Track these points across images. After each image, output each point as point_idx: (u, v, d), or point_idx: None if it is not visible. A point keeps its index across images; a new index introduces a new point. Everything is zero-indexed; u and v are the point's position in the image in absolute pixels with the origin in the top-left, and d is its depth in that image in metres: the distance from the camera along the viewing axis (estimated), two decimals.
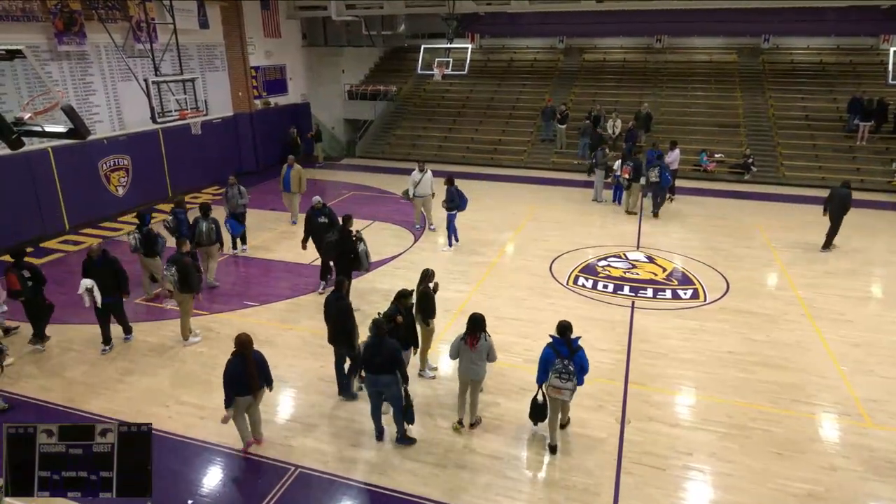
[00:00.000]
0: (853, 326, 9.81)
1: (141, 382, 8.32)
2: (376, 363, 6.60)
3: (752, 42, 24.57)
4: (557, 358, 6.50)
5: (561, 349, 6.53)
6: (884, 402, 7.77)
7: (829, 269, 12.16)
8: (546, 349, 6.66)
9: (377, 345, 6.60)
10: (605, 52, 26.25)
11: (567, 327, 6.61)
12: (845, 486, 6.34)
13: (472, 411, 7.29)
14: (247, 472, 6.72)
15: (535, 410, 6.94)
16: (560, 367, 6.46)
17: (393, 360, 6.60)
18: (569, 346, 6.52)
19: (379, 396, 6.91)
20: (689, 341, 9.36)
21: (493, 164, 21.60)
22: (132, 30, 15.57)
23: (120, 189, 16.15)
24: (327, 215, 11.06)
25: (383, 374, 6.62)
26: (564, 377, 6.45)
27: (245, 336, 6.55)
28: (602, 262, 12.52)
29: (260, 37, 21.16)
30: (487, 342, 6.87)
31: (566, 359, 6.47)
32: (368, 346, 6.68)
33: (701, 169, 19.49)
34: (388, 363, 6.59)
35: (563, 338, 6.58)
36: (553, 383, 6.53)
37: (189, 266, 8.93)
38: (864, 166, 18.78)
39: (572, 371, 6.45)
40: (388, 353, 6.58)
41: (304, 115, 23.75)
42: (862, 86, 20.58)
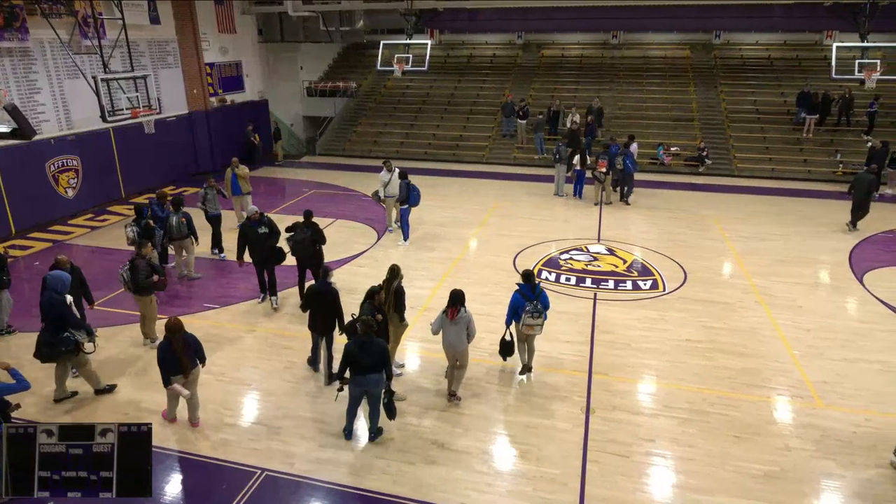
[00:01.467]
0: (804, 312, 10.20)
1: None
2: (366, 363, 6.54)
3: (704, 38, 25.25)
4: (527, 301, 7.59)
5: (528, 293, 7.67)
6: (833, 383, 8.12)
7: (780, 257, 12.60)
8: (515, 295, 7.75)
9: (367, 344, 6.54)
10: (563, 47, 26.57)
11: (531, 274, 7.86)
12: (799, 466, 6.59)
13: (456, 384, 7.71)
14: (211, 477, 6.58)
15: (503, 348, 8.05)
16: (531, 309, 7.59)
17: (382, 359, 6.60)
18: (534, 290, 7.67)
19: (362, 396, 6.84)
20: (650, 331, 9.58)
21: (455, 160, 21.64)
22: (78, 25, 14.98)
23: (70, 191, 15.57)
24: (267, 224, 10.09)
25: (372, 374, 6.60)
26: (535, 315, 7.63)
27: (173, 321, 6.78)
28: (564, 256, 12.69)
29: (214, 33, 20.66)
30: (467, 315, 7.27)
31: (534, 300, 7.58)
32: (357, 346, 6.55)
33: (658, 162, 19.94)
34: (378, 363, 6.58)
35: (529, 283, 7.75)
36: (527, 322, 7.65)
37: (140, 267, 8.63)
38: (811, 157, 19.53)
39: (541, 309, 7.64)
40: (377, 352, 6.57)
41: (262, 112, 23.33)
42: (808, 80, 21.37)
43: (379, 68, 21.36)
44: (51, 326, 7.28)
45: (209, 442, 7.00)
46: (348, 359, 6.59)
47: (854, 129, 19.88)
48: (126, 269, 8.68)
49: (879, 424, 7.18)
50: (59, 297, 7.34)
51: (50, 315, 7.30)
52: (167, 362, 6.81)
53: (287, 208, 16.15)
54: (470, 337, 7.37)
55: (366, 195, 16.97)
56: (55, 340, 7.23)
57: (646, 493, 6.27)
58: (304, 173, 20.68)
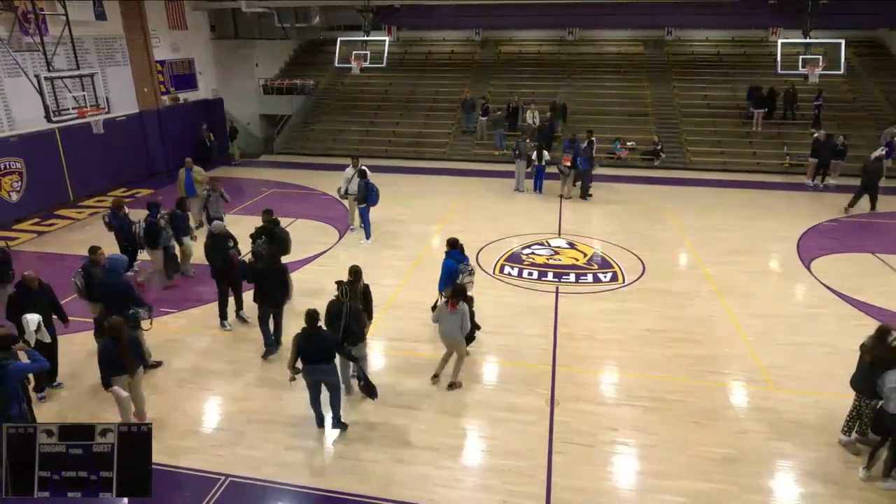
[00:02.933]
0: (756, 299, 10.56)
1: (59, 395, 7.76)
2: (310, 355, 6.70)
3: (656, 34, 25.83)
4: (459, 263, 8.73)
5: (459, 256, 8.90)
6: (785, 367, 8.44)
7: (732, 247, 13.02)
8: (447, 261, 8.81)
9: (313, 336, 6.67)
10: (521, 44, 26.78)
11: (457, 241, 9.04)
12: (756, 448, 6.84)
13: (455, 374, 7.98)
14: (173, 485, 6.41)
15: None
16: (464, 268, 8.73)
17: (330, 352, 6.77)
18: (462, 253, 8.99)
19: (318, 385, 6.96)
20: (611, 322, 9.77)
21: (416, 157, 21.57)
22: (18, 21, 14.31)
23: (13, 194, 14.90)
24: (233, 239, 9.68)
25: (320, 363, 6.75)
26: (470, 273, 8.76)
27: (117, 321, 6.67)
28: (526, 251, 12.82)
29: (164, 29, 20.05)
30: (464, 308, 7.62)
31: (463, 261, 8.83)
32: (303, 338, 6.69)
33: (615, 157, 20.32)
34: (327, 354, 6.76)
35: (457, 248, 8.97)
36: (466, 280, 8.60)
37: (94, 276, 8.32)
38: (760, 150, 20.23)
39: (471, 268, 8.82)
40: (324, 345, 6.73)
41: (216, 111, 22.75)
42: (755, 75, 22.12)
43: (337, 65, 21.15)
44: (115, 305, 7.61)
45: (171, 450, 6.81)
46: (297, 350, 6.75)
47: (799, 123, 20.68)
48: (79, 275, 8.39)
49: (829, 405, 7.50)
50: (121, 278, 8.12)
51: (114, 294, 7.77)
52: (110, 363, 6.64)
53: (246, 208, 15.83)
54: (463, 330, 7.65)
55: (326, 194, 16.80)
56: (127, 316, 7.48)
57: (611, 481, 6.41)
58: (263, 172, 20.29)
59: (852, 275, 11.52)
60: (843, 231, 14.10)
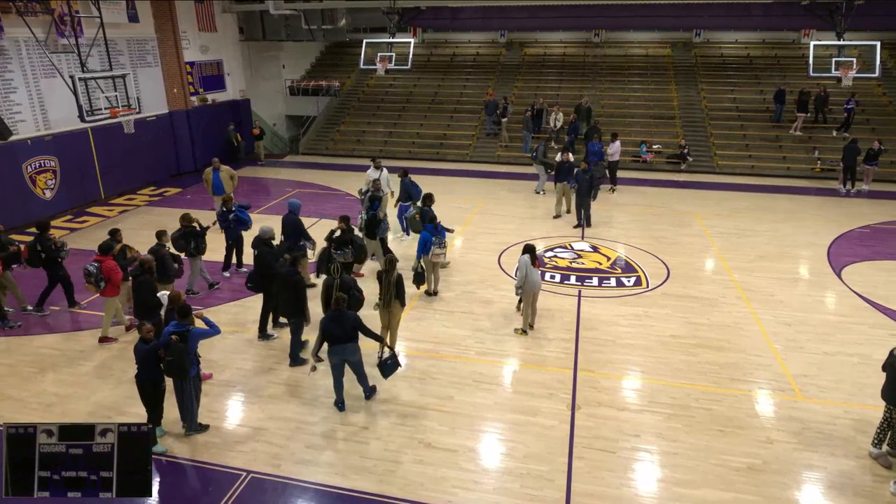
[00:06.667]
0: (784, 306, 10.35)
1: (72, 393, 7.95)
2: (338, 334, 7.12)
3: (684, 36, 25.49)
4: (432, 236, 10.09)
5: (433, 231, 10.21)
6: (813, 376, 8.25)
7: (760, 253, 12.78)
8: (423, 234, 10.25)
9: (339, 317, 7.13)
10: (546, 46, 26.66)
11: (434, 217, 10.51)
12: (781, 458, 6.70)
13: (533, 317, 9.48)
14: (195, 480, 6.53)
15: (417, 277, 10.15)
16: (436, 241, 10.10)
17: (354, 330, 7.20)
18: (436, 228, 10.28)
19: (342, 365, 7.37)
20: (634, 327, 9.66)
21: (439, 159, 21.62)
22: (55, 23, 14.71)
23: (48, 192, 15.30)
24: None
25: (347, 343, 7.20)
26: (441, 246, 10.21)
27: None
28: (549, 253, 12.75)
29: (194, 31, 20.41)
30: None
31: (437, 234, 10.12)
32: (330, 321, 7.17)
33: (640, 160, 20.10)
34: (351, 334, 7.18)
35: (433, 224, 10.32)
36: (434, 252, 10.18)
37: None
38: (790, 154, 19.82)
39: (444, 241, 10.28)
40: (349, 324, 7.15)
41: (244, 111, 23.11)
42: (786, 78, 21.69)
43: (362, 67, 21.29)
44: (291, 238, 10.19)
45: (194, 445, 6.94)
46: (324, 333, 7.18)
47: (830, 126, 20.21)
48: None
49: (858, 416, 7.32)
50: (297, 217, 10.51)
51: (291, 229, 10.29)
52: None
53: (271, 208, 16.04)
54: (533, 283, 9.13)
55: (349, 194, 16.91)
56: (294, 246, 9.87)
57: (631, 487, 6.34)
58: (287, 172, 20.53)
59: (884, 283, 11.22)
60: (876, 238, 13.73)
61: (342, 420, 7.36)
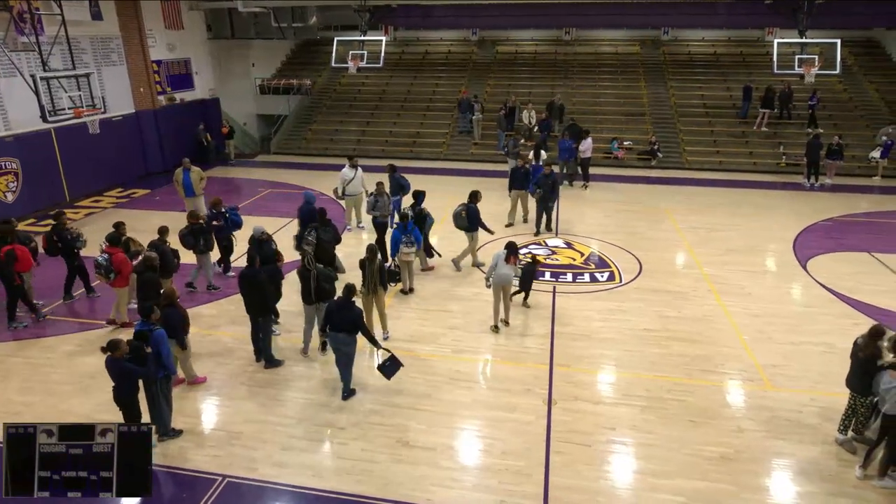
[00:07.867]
0: (753, 299, 10.59)
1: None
2: (335, 321, 7.36)
3: (653, 34, 25.86)
4: (402, 234, 10.17)
5: (403, 230, 10.21)
6: (781, 366, 8.47)
7: (729, 246, 13.04)
8: (394, 232, 10.36)
9: (345, 307, 7.35)
10: (517, 44, 26.78)
11: (405, 215, 10.49)
12: (752, 447, 6.86)
13: (506, 313, 9.48)
14: (170, 487, 6.41)
15: (391, 275, 10.29)
16: (405, 240, 10.22)
17: (353, 325, 7.35)
18: (406, 227, 10.26)
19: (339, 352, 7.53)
20: (609, 321, 9.78)
21: (413, 157, 21.55)
22: (13, 21, 14.25)
23: (9, 195, 14.86)
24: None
25: (340, 333, 7.37)
26: (409, 245, 10.28)
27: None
28: (523, 250, 12.80)
29: (160, 29, 20.00)
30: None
31: (407, 234, 10.19)
32: (336, 306, 7.45)
33: (612, 156, 20.34)
34: (349, 326, 7.35)
35: (403, 223, 10.31)
36: (403, 251, 10.29)
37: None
38: (756, 150, 20.27)
39: (413, 241, 10.28)
40: (350, 318, 7.32)
41: (213, 111, 22.71)
42: (752, 75, 22.16)
43: (333, 65, 21.11)
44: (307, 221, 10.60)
45: (168, 450, 6.81)
46: (327, 315, 7.49)
47: (795, 122, 20.72)
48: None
49: (824, 404, 7.53)
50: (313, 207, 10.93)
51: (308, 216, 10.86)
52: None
53: (244, 208, 15.76)
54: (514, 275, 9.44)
55: (323, 194, 16.76)
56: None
57: (608, 480, 6.43)
58: (259, 172, 20.26)
59: (848, 274, 11.56)
60: (839, 231, 14.13)
61: (318, 421, 7.31)
